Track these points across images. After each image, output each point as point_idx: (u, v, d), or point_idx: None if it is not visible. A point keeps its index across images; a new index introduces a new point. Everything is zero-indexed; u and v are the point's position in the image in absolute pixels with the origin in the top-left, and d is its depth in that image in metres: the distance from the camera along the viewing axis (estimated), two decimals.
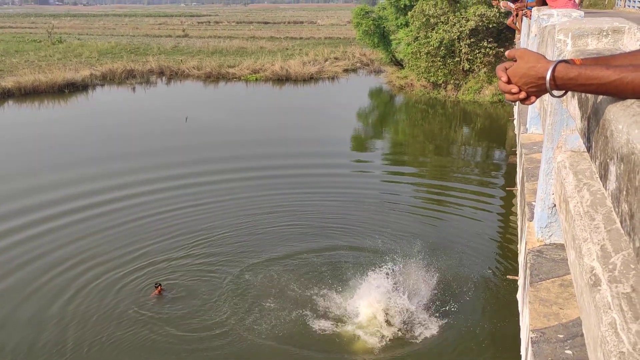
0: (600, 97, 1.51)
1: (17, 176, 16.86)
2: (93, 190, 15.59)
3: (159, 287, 10.40)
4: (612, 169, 1.30)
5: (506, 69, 1.60)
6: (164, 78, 37.20)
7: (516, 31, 14.97)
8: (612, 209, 1.60)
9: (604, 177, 1.42)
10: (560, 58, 2.40)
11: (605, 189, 1.43)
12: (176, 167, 17.87)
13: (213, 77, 37.06)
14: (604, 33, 2.32)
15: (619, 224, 1.50)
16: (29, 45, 49.70)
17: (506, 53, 1.67)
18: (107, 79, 35.44)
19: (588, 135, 1.68)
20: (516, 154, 8.55)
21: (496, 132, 23.20)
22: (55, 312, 9.76)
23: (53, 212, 14.10)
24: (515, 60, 1.59)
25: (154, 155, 19.25)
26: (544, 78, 1.47)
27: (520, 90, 1.58)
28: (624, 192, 1.18)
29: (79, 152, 19.60)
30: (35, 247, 12.23)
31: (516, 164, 7.91)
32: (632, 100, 1.30)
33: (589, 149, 1.69)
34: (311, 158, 18.73)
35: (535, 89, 1.54)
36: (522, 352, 2.86)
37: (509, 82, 1.59)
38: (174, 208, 14.37)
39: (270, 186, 16.01)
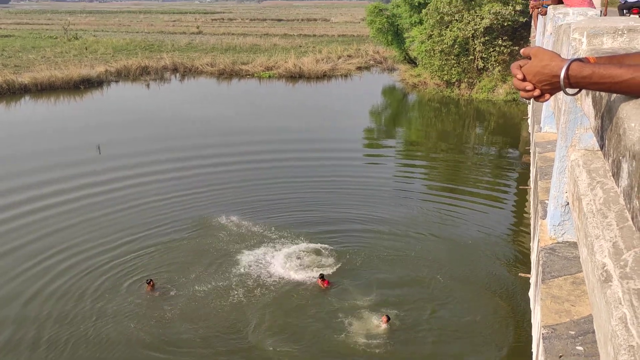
0: (614, 95, 1.52)
1: (22, 167, 17.14)
2: (89, 178, 15.88)
3: (151, 283, 10.07)
4: (625, 166, 1.31)
5: (521, 67, 1.62)
6: (177, 74, 37.43)
7: (532, 29, 14.87)
8: (625, 206, 1.61)
9: (616, 174, 1.44)
10: (574, 57, 2.41)
11: (618, 186, 1.45)
12: (179, 156, 18.20)
13: (226, 74, 37.21)
14: (620, 32, 2.33)
15: (631, 222, 1.52)
16: (45, 41, 50.24)
17: (521, 51, 1.69)
18: (122, 75, 35.73)
19: (601, 134, 1.69)
20: (530, 153, 8.52)
21: (510, 131, 23.06)
22: (39, 305, 9.53)
23: (45, 200, 14.28)
24: (530, 58, 1.60)
25: (159, 146, 19.55)
26: (558, 76, 1.48)
27: (534, 88, 1.59)
28: (636, 189, 1.20)
29: (80, 145, 19.76)
30: (23, 234, 12.32)
31: (529, 163, 7.88)
32: None
33: (602, 147, 1.70)
34: (322, 152, 18.78)
35: (549, 87, 1.55)
36: (534, 349, 2.88)
37: (524, 79, 1.60)
38: (170, 195, 14.54)
39: (276, 177, 16.21)
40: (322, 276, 10.25)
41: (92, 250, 11.57)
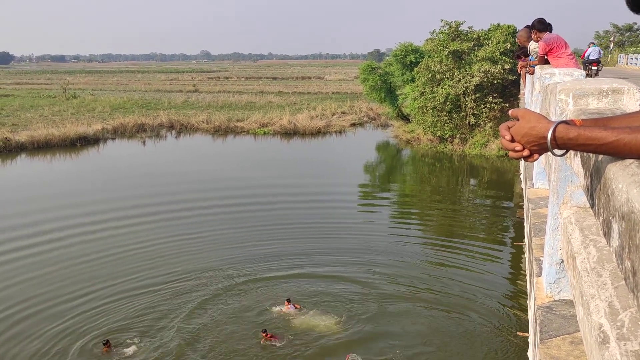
0: (601, 155, 1.55)
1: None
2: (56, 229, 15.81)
3: (107, 344, 9.65)
4: (615, 226, 1.32)
5: (509, 128, 1.65)
6: (173, 132, 37.85)
7: (521, 87, 15.26)
8: (617, 266, 1.61)
9: (607, 234, 1.45)
10: (561, 117, 2.47)
11: (609, 246, 1.45)
12: (159, 209, 18.24)
13: (222, 131, 37.66)
14: (604, 93, 2.39)
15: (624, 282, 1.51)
16: (43, 100, 50.99)
17: (509, 112, 1.73)
18: (119, 132, 36.14)
19: (591, 193, 1.71)
20: (523, 208, 8.55)
21: (503, 186, 23.20)
22: None
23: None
24: (518, 119, 1.64)
25: (145, 201, 19.58)
26: (546, 138, 1.52)
27: (523, 148, 1.62)
28: (627, 250, 1.20)
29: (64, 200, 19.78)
30: None
31: (524, 218, 7.90)
32: (631, 160, 1.33)
33: (592, 205, 1.72)
34: (317, 209, 18.77)
35: (537, 148, 1.58)
36: None
37: (512, 140, 1.63)
38: (141, 247, 14.40)
39: (270, 234, 16.04)
40: (264, 331, 9.84)
41: (49, 309, 11.10)
